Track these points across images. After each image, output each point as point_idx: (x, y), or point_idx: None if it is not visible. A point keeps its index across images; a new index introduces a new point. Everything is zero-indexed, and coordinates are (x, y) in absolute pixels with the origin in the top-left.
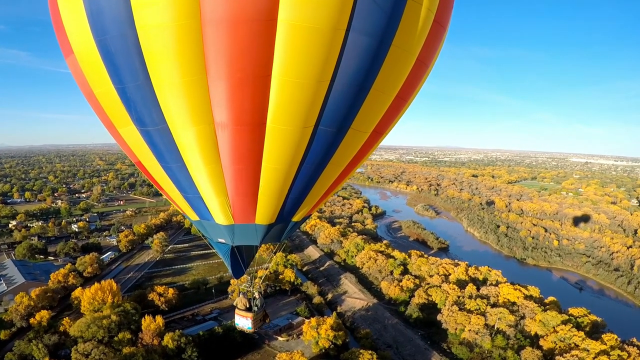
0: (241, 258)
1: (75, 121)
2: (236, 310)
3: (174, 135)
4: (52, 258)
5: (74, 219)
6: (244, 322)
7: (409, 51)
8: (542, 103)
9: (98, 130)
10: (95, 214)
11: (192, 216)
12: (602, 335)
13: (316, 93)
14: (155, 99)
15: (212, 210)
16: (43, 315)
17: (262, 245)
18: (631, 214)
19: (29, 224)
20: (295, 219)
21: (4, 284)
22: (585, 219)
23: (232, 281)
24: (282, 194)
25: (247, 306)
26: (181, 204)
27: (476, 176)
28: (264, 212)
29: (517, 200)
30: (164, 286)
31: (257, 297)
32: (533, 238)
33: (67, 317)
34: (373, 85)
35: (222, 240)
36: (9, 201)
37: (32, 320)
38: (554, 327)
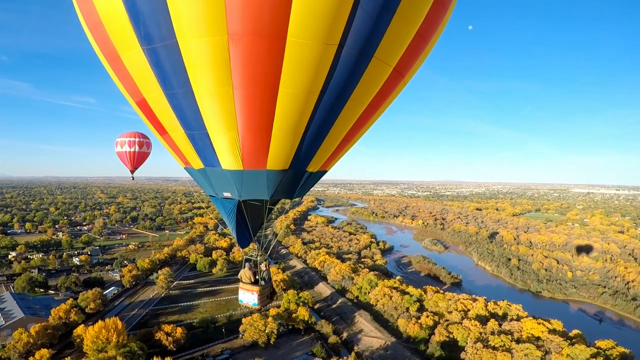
0: (248, 223)
1: (76, 154)
2: (240, 284)
3: (183, 50)
4: (53, 292)
5: (76, 252)
6: (248, 297)
7: None
8: (540, 134)
9: (99, 164)
10: (97, 248)
11: (196, 163)
12: None
13: (341, 3)
14: (166, 7)
15: (218, 151)
16: (43, 353)
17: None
18: None
19: (29, 256)
20: (311, 169)
21: (2, 318)
22: (595, 249)
23: (243, 320)
24: (299, 129)
25: (253, 280)
26: (184, 148)
27: (480, 209)
28: (278, 152)
29: (525, 232)
30: (172, 325)
31: (264, 268)
32: (546, 270)
33: (68, 357)
34: (397, 10)
35: (228, 195)
36: (9, 231)
37: (31, 358)
38: None
